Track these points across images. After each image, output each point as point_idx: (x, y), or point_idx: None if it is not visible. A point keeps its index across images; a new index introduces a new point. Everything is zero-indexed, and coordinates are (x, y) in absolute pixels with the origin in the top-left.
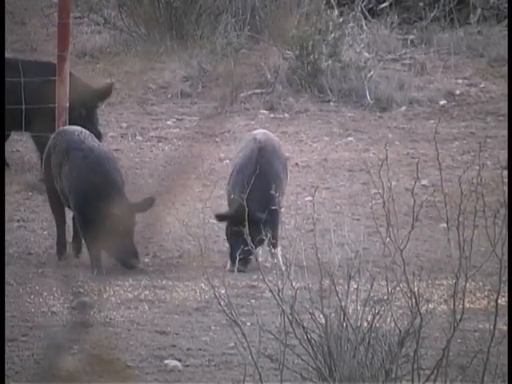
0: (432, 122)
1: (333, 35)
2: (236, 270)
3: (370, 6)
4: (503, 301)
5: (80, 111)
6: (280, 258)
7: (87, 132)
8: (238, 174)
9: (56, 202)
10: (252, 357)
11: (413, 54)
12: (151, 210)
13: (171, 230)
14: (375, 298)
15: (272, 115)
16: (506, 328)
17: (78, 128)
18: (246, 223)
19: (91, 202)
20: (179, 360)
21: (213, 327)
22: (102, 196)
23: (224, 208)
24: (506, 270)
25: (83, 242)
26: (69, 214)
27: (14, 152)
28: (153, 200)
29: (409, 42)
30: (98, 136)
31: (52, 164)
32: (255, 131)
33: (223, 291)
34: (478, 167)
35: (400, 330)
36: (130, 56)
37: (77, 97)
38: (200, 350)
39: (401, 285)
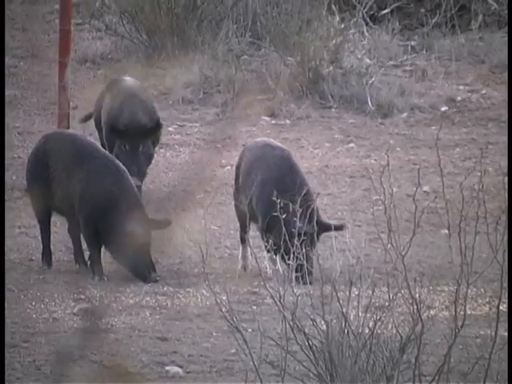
0: (433, 128)
1: (334, 41)
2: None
3: (372, 12)
4: (504, 307)
5: (124, 145)
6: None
7: (85, 136)
8: (269, 187)
9: (45, 210)
10: (253, 363)
11: (414, 61)
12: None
13: (172, 237)
14: (376, 305)
15: (273, 121)
16: (507, 334)
17: (75, 132)
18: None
19: (108, 213)
20: (180, 366)
21: (214, 333)
22: (121, 208)
23: (225, 215)
24: (507, 276)
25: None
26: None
27: (16, 158)
28: (170, 222)
29: (410, 48)
30: (139, 174)
31: (51, 168)
32: (260, 140)
33: (224, 297)
34: (479, 173)
35: (401, 337)
36: (132, 62)
37: (122, 130)
38: (201, 356)
39: (402, 291)
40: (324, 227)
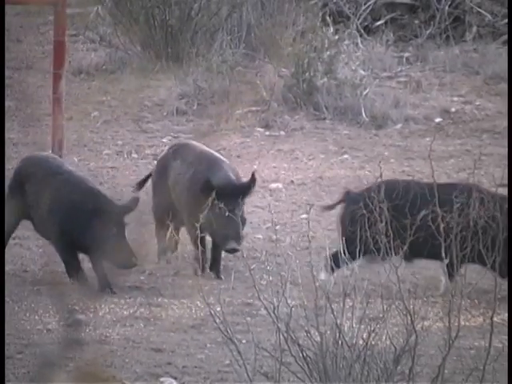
0: (427, 139)
1: (328, 53)
2: None
3: (366, 23)
4: (498, 318)
5: (219, 208)
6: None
7: (58, 157)
8: None
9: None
10: (247, 374)
11: (408, 72)
12: (147, 227)
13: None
14: (370, 316)
15: (267, 133)
16: (501, 345)
17: (50, 154)
18: None
19: (77, 221)
20: (175, 378)
21: (208, 345)
22: (87, 210)
23: None
24: (502, 287)
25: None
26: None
27: (10, 170)
28: (137, 199)
29: (404, 59)
30: (238, 237)
31: (28, 193)
32: None
33: (219, 309)
34: None
35: (395, 348)
36: (126, 74)
37: (220, 193)
38: (196, 367)
39: (396, 302)
40: None
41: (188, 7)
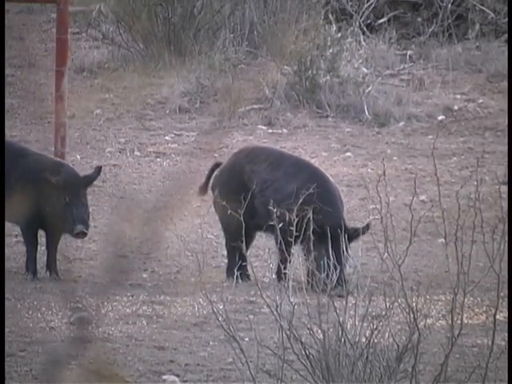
0: (430, 137)
1: (331, 50)
2: None
3: (369, 21)
4: (501, 316)
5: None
6: None
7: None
8: None
9: None
10: (250, 372)
11: (411, 70)
12: (149, 225)
13: (169, 246)
14: (373, 314)
15: (270, 130)
16: (504, 343)
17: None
18: None
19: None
20: (177, 375)
21: (211, 342)
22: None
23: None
24: (504, 285)
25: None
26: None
27: None
28: (100, 168)
29: (407, 57)
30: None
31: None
32: None
33: (221, 307)
34: (475, 182)
35: (398, 346)
36: (129, 71)
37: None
38: (198, 365)
39: (399, 300)
40: None
41: (191, 5)
